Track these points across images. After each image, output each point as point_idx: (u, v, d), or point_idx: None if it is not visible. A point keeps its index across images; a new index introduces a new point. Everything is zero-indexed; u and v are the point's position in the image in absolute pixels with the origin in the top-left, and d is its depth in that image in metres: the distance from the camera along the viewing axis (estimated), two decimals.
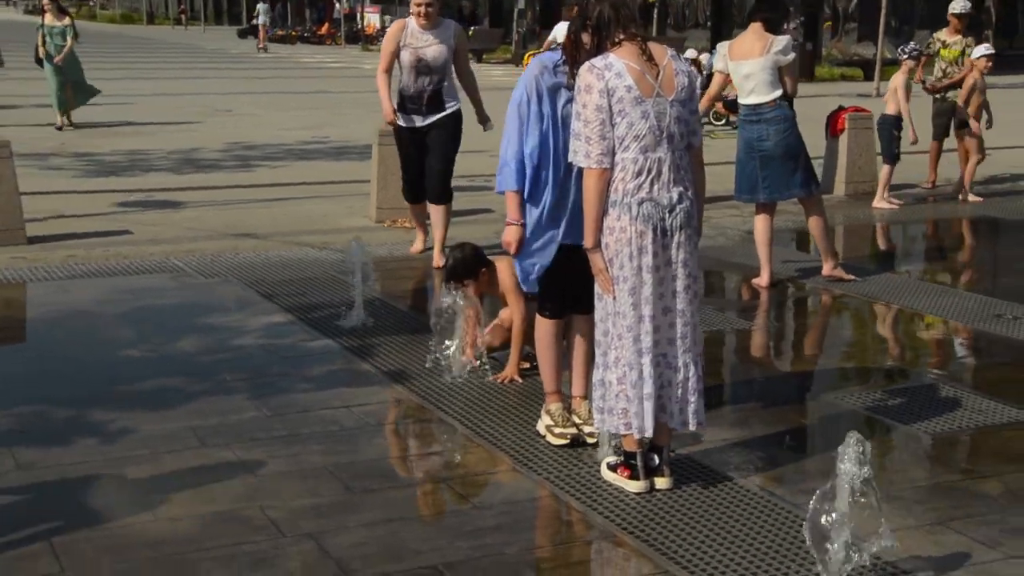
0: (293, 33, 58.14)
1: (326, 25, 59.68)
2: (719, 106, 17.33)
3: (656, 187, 4.58)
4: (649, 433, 4.68)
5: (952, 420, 5.68)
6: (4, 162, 9.42)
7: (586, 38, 4.80)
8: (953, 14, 12.70)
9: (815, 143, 13.24)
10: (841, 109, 12.60)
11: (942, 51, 12.69)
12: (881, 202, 11.78)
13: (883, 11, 25.44)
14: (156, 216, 10.90)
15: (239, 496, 4.71)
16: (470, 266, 6.31)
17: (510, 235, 5.19)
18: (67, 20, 17.87)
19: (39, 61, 17.62)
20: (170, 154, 15.34)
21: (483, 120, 8.93)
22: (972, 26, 28.69)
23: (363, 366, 6.47)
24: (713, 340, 7.14)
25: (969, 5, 12.81)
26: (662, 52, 4.70)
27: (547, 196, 5.10)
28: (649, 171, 4.57)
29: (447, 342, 6.24)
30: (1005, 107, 16.08)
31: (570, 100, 4.95)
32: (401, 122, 8.58)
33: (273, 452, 5.19)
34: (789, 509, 4.62)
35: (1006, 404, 5.92)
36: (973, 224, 11.39)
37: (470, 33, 43.83)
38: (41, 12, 18.01)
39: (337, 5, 59.13)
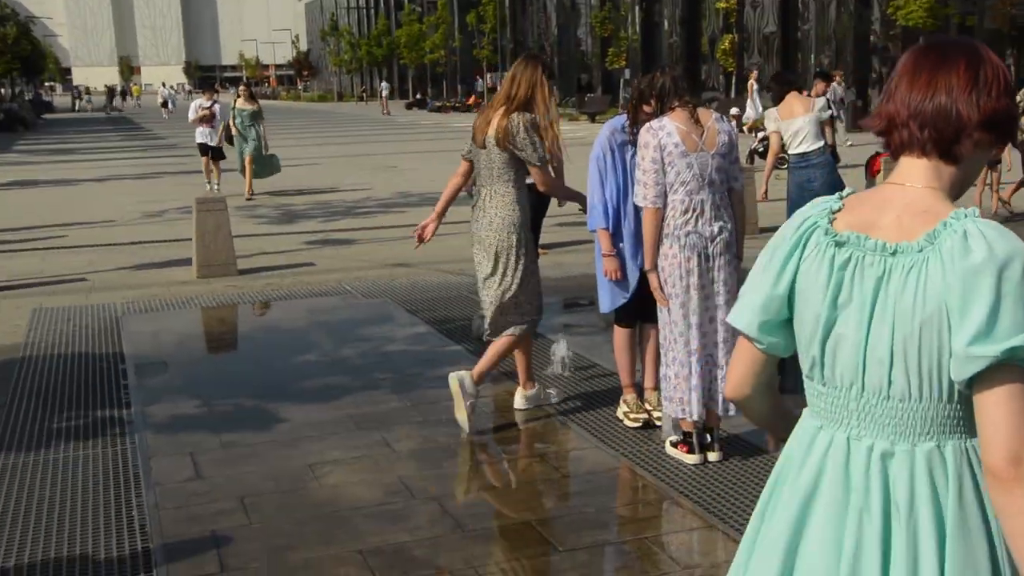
0: (448, 104, 58.95)
1: (473, 96, 60.40)
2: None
3: (700, 222, 4.62)
4: (696, 417, 4.69)
5: None
6: (222, 213, 9.80)
7: (646, 107, 4.88)
8: None
9: (859, 182, 13.00)
10: (878, 154, 12.31)
11: None
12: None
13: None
14: (333, 251, 11.18)
15: (382, 468, 4.84)
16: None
17: (609, 265, 5.17)
18: (256, 106, 16.34)
19: (229, 139, 16.31)
20: (346, 202, 15.71)
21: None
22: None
23: None
24: None
25: None
26: (707, 115, 4.73)
27: (627, 231, 5.15)
28: (694, 210, 4.61)
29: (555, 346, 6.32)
30: None
31: (635, 153, 5.01)
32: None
33: (410, 433, 5.31)
34: None
35: None
36: None
37: (586, 99, 43.90)
38: (235, 96, 16.83)
39: (479, 80, 59.77)
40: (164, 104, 56.74)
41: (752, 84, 25.02)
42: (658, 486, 4.57)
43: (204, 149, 16.58)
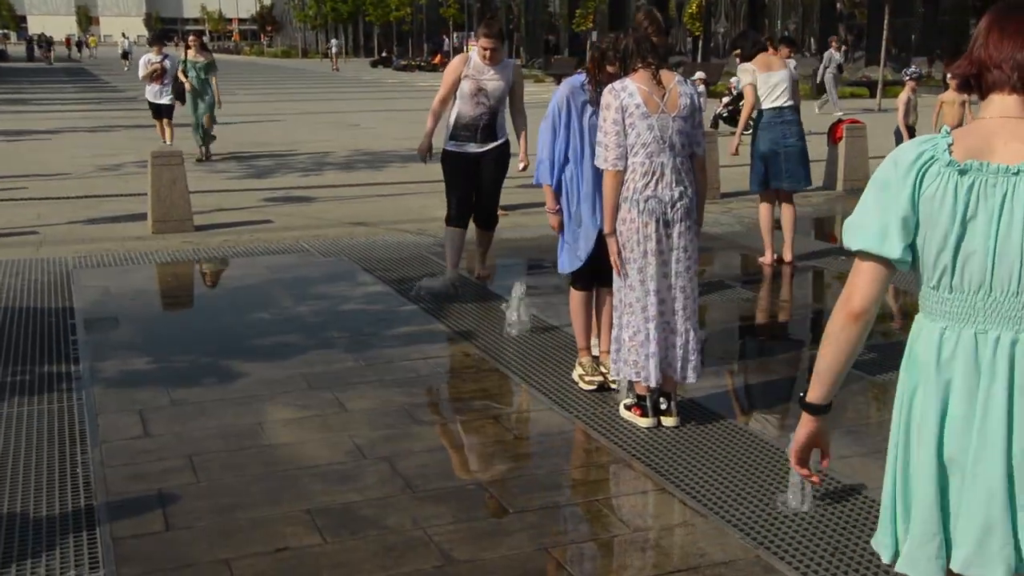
0: (413, 62, 58.35)
1: (439, 56, 59.84)
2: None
3: (660, 186, 4.57)
4: (653, 383, 4.68)
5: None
6: (178, 168, 9.61)
7: (610, 68, 4.81)
8: None
9: (820, 150, 13.03)
10: (840, 121, 12.33)
11: None
12: None
13: (884, 41, 24.81)
14: (292, 208, 11.04)
15: (333, 427, 4.79)
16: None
17: (552, 221, 5.27)
18: (210, 57, 15.04)
19: (180, 95, 14.90)
20: (307, 159, 15.52)
21: (523, 159, 7.30)
22: (957, 54, 27.79)
23: (439, 326, 6.50)
24: (720, 306, 7.09)
25: None
26: (670, 77, 4.67)
27: (581, 190, 5.10)
28: (653, 173, 4.55)
29: (508, 306, 6.29)
30: None
31: (594, 113, 4.96)
32: (457, 148, 7.29)
33: (363, 393, 5.26)
34: (768, 441, 4.59)
35: None
36: None
37: (552, 60, 43.64)
38: (184, 48, 15.22)
39: (446, 39, 59.20)
40: (124, 56, 55.59)
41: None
42: (611, 449, 4.56)
43: (157, 109, 15.22)
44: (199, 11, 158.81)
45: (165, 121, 15.16)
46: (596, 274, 5.20)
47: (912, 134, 11.46)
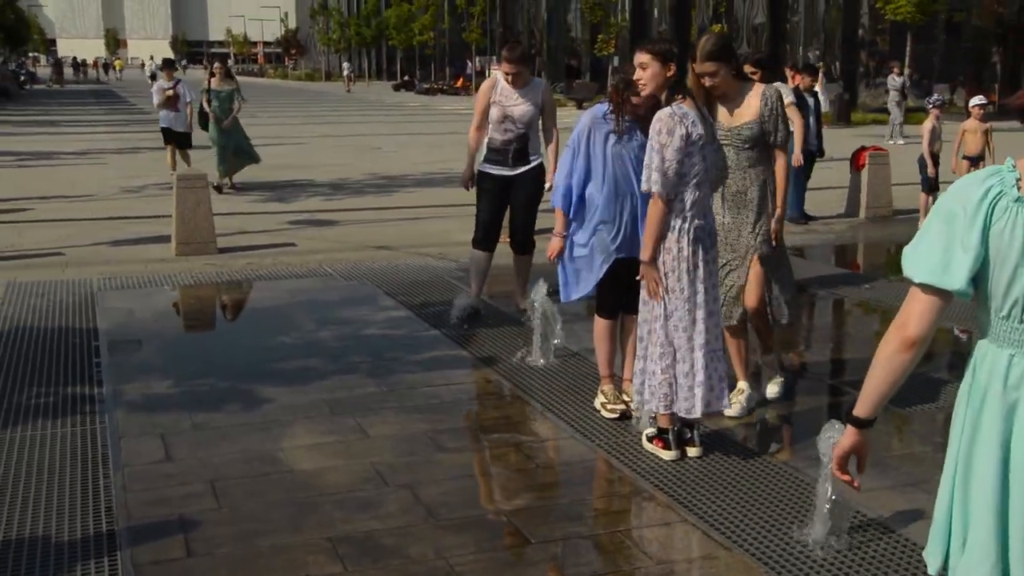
0: (436, 86, 58.66)
1: (461, 79, 60.12)
2: None
3: (704, 216, 4.58)
4: (699, 414, 4.63)
5: (931, 402, 5.51)
6: (203, 191, 9.68)
7: (635, 99, 4.78)
8: None
9: (843, 176, 12.97)
10: (863, 149, 12.27)
11: None
12: (923, 221, 11.45)
13: (906, 70, 24.75)
14: (314, 232, 11.07)
15: (356, 454, 4.77)
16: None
17: (553, 244, 5.23)
18: (234, 84, 14.32)
19: (204, 124, 14.25)
20: (329, 182, 15.57)
21: (552, 178, 7.02)
22: (979, 81, 27.64)
23: (462, 352, 6.47)
24: None
25: None
26: (704, 107, 4.67)
27: (596, 218, 5.07)
28: (700, 202, 4.54)
29: (534, 336, 6.25)
30: (1007, 148, 15.48)
31: (617, 142, 4.94)
32: (490, 171, 7.20)
33: (385, 419, 5.23)
34: (792, 474, 4.54)
35: None
36: None
37: (574, 84, 43.75)
38: (209, 75, 14.52)
39: (470, 63, 59.52)
40: (152, 77, 56.12)
41: (820, 77, 26.93)
42: (634, 479, 4.51)
43: (168, 135, 14.85)
44: (224, 34, 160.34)
45: (178, 149, 14.75)
46: (620, 301, 5.18)
47: (936, 162, 11.39)
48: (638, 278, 4.66)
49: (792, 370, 6.15)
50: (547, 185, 7.28)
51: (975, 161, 12.00)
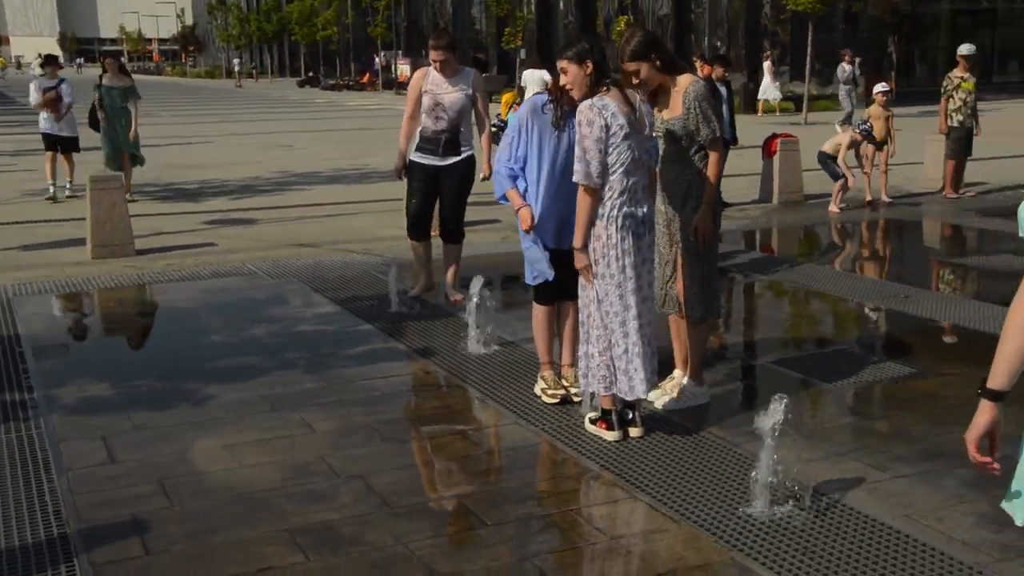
0: (341, 82, 58.13)
1: (367, 75, 59.70)
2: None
3: (634, 203, 4.70)
4: (643, 395, 4.79)
5: (855, 376, 5.78)
6: (118, 192, 9.53)
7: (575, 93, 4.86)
8: (961, 56, 12.79)
9: (755, 163, 13.35)
10: (774, 136, 12.65)
11: (962, 84, 12.70)
12: (833, 207, 11.83)
13: (808, 58, 25.45)
14: (233, 231, 10.97)
15: (303, 448, 4.81)
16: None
17: (524, 215, 5.19)
18: (128, 81, 13.16)
19: (94, 124, 13.05)
20: (243, 181, 15.39)
21: (485, 169, 7.35)
22: (879, 68, 28.50)
23: (397, 345, 6.54)
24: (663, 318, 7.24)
25: (974, 48, 12.96)
26: (634, 96, 4.80)
27: (540, 206, 5.18)
28: (630, 190, 4.67)
29: (469, 326, 6.35)
30: (904, 132, 16.12)
31: (554, 134, 5.07)
32: (420, 160, 7.31)
33: (328, 413, 5.28)
34: (731, 448, 4.73)
35: (895, 362, 6.02)
36: (883, 225, 11.46)
37: (481, 78, 43.80)
38: (101, 71, 13.39)
39: (376, 58, 59.16)
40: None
41: (768, 65, 28.63)
42: (580, 460, 4.65)
43: (51, 140, 13.26)
44: (117, 31, 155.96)
45: (64, 156, 13.39)
46: (559, 288, 5.31)
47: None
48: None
49: (713, 351, 6.37)
50: (482, 175, 7.43)
51: (880, 146, 12.48)
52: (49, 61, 13.97)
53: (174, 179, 15.52)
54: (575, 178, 4.68)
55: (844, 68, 24.20)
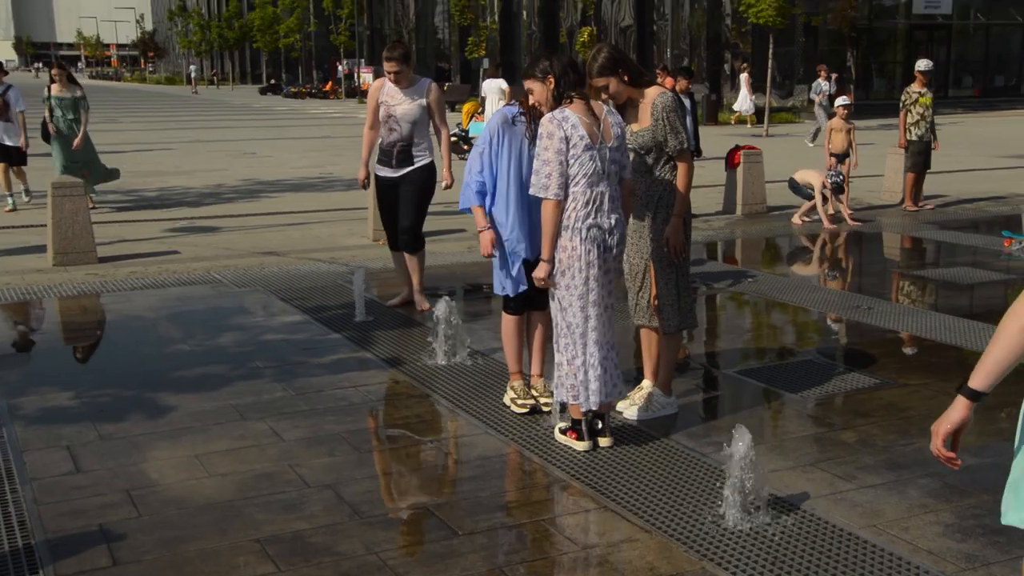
0: (304, 89, 57.90)
1: (330, 83, 59.51)
2: None
3: (599, 215, 4.70)
4: (595, 406, 4.82)
5: (820, 387, 5.85)
6: (80, 199, 9.43)
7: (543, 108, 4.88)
8: (919, 71, 12.96)
9: (717, 174, 13.50)
10: (737, 148, 12.78)
11: (920, 99, 12.86)
12: (796, 219, 11.97)
13: (769, 71, 25.74)
14: (198, 239, 10.89)
15: (272, 457, 4.79)
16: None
17: (484, 239, 5.24)
18: (78, 91, 12.53)
19: (46, 137, 12.46)
20: (206, 189, 15.29)
21: (447, 177, 7.53)
22: (840, 82, 28.74)
23: (365, 354, 6.52)
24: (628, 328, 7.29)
25: (932, 64, 13.13)
26: (600, 107, 4.83)
27: (512, 217, 5.20)
28: (594, 202, 4.69)
29: (435, 335, 6.35)
30: (874, 147, 16.32)
31: (526, 146, 5.10)
32: (379, 172, 7.43)
33: (297, 423, 5.26)
34: (698, 457, 4.77)
35: (859, 373, 6.11)
36: (845, 237, 11.59)
37: (445, 87, 43.80)
38: (49, 81, 12.67)
39: (339, 66, 58.99)
40: None
41: (745, 77, 27.73)
42: (550, 470, 4.67)
43: (2, 151, 12.58)
44: (75, 36, 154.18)
45: (13, 168, 12.77)
46: (528, 298, 5.33)
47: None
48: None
49: (680, 361, 6.42)
50: (443, 183, 7.46)
51: (841, 158, 12.66)
52: None
53: (136, 186, 15.37)
54: (531, 191, 4.72)
55: (820, 84, 23.86)
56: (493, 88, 18.94)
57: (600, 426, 4.93)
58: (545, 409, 5.34)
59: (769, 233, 11.69)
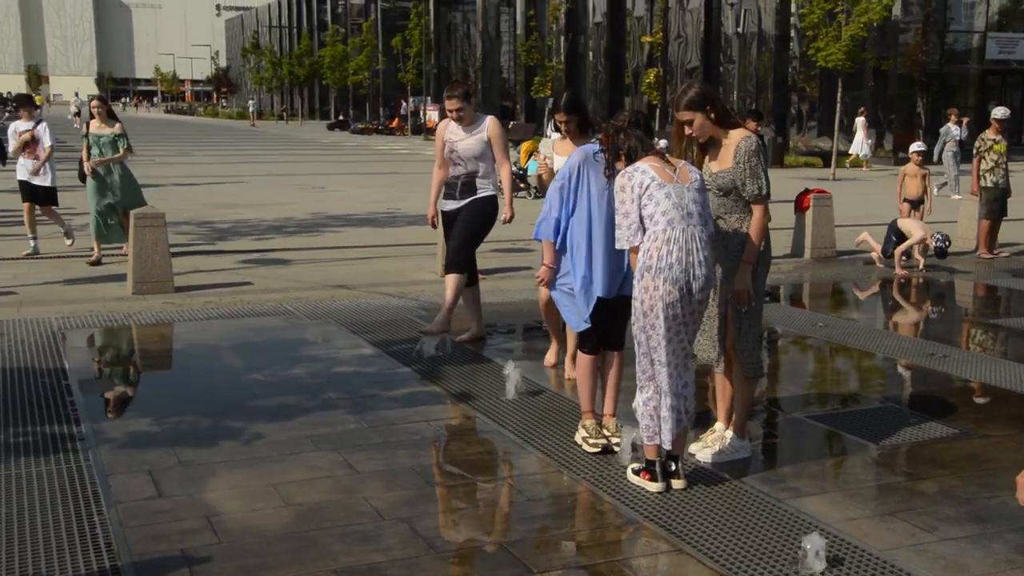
0: (371, 126, 58.77)
1: (396, 119, 60.34)
2: None
3: (683, 255, 4.64)
4: (668, 445, 4.80)
5: (896, 435, 5.75)
6: (160, 229, 9.66)
7: (618, 164, 4.93)
8: (995, 119, 12.87)
9: (786, 217, 13.38)
10: (807, 191, 12.69)
11: (995, 147, 12.74)
12: (899, 269, 11.64)
13: (837, 114, 25.58)
14: (270, 271, 11.07)
15: (347, 488, 4.83)
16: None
17: (543, 273, 5.42)
18: (117, 127, 11.31)
19: (83, 177, 11.34)
20: (276, 222, 15.56)
21: (507, 211, 7.80)
22: (908, 127, 28.34)
23: (436, 389, 6.57)
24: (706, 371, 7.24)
25: (1008, 112, 13.07)
26: (678, 160, 4.87)
27: (585, 254, 5.23)
28: (675, 240, 4.64)
29: (507, 370, 6.38)
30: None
31: (606, 184, 5.13)
32: (444, 207, 7.60)
33: (371, 455, 5.30)
34: (772, 502, 4.72)
35: (937, 422, 5.99)
36: (917, 283, 11.42)
37: (509, 126, 44.18)
38: (89, 116, 11.70)
39: (404, 104, 59.81)
40: (77, 114, 55.53)
41: (863, 121, 28.01)
42: (622, 510, 4.65)
43: (29, 190, 11.60)
44: (152, 72, 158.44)
45: (44, 208, 11.81)
46: (603, 337, 5.34)
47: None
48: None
49: (759, 405, 6.36)
50: (502, 217, 7.69)
51: (916, 204, 12.52)
52: (24, 101, 12.33)
53: (209, 217, 15.69)
54: (617, 245, 4.82)
55: (950, 129, 22.15)
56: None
57: (674, 468, 4.90)
58: (616, 449, 5.33)
59: (838, 277, 11.56)
